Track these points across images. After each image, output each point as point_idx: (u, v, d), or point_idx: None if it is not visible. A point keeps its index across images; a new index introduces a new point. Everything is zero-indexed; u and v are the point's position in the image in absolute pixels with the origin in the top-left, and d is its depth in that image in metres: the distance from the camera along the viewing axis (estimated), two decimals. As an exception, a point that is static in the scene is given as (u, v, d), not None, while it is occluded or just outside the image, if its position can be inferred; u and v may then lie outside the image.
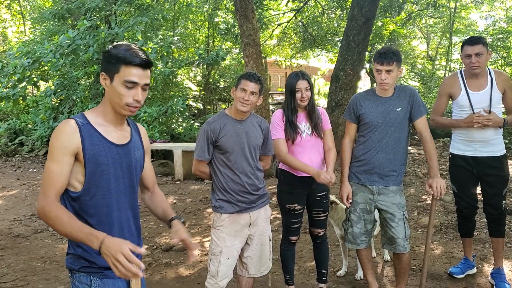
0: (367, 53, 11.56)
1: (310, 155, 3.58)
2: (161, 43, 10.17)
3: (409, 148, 10.05)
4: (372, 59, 3.50)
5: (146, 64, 1.94)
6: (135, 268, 1.65)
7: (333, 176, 3.44)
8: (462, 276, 4.18)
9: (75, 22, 11.58)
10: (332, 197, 4.01)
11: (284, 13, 17.04)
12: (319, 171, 3.39)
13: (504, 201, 3.95)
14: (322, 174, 3.36)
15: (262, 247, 3.33)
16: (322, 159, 3.67)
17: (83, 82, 12.52)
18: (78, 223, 1.80)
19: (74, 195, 1.91)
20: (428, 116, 3.78)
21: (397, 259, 3.57)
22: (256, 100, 3.16)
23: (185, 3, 14.27)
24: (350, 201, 3.58)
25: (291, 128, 3.53)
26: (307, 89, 3.50)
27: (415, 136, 10.91)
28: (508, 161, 4.74)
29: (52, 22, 12.47)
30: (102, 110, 2.00)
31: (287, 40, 18.52)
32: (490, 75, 3.85)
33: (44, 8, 15.40)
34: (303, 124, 3.58)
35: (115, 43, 1.97)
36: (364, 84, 21.00)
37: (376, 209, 3.59)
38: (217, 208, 3.20)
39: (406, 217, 3.52)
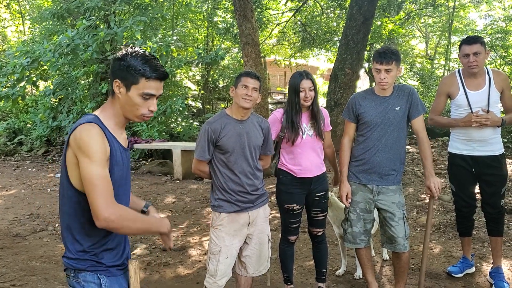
0: (366, 52, 11.57)
1: (309, 156, 3.58)
2: (160, 43, 10.17)
3: (408, 147, 10.07)
4: (371, 59, 3.51)
5: (164, 77, 1.97)
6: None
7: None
8: (461, 275, 4.19)
9: (74, 22, 11.57)
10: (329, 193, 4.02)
11: (283, 13, 17.06)
12: None
13: (502, 200, 3.96)
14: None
15: (261, 247, 3.33)
16: (321, 160, 3.67)
17: (82, 82, 12.53)
18: (147, 218, 2.05)
19: None
20: (427, 116, 3.78)
21: (397, 258, 3.57)
22: (257, 97, 3.17)
23: (184, 3, 14.26)
24: (350, 200, 3.59)
25: (293, 128, 3.52)
26: (311, 89, 3.50)
27: (414, 136, 10.94)
28: (507, 160, 4.74)
29: (51, 22, 12.46)
30: (111, 113, 1.98)
31: (286, 39, 18.54)
32: (488, 74, 3.86)
33: (43, 7, 15.40)
34: (304, 125, 3.57)
35: (129, 50, 1.95)
36: (363, 83, 21.02)
37: (375, 209, 3.60)
38: (216, 208, 3.21)
39: (405, 216, 3.53)
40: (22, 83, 10.12)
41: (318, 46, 17.25)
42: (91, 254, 1.95)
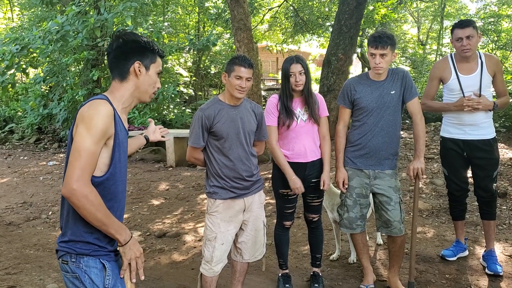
0: (358, 37, 11.53)
1: (304, 141, 3.58)
2: (151, 29, 10.09)
3: (401, 132, 10.11)
4: (366, 43, 3.50)
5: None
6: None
7: (327, 181, 3.56)
8: (454, 258, 4.23)
9: (64, 8, 11.42)
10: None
11: (275, -2, 16.95)
12: (294, 181, 3.47)
13: (494, 184, 3.99)
14: (296, 184, 3.46)
15: (256, 233, 3.33)
16: (317, 146, 3.66)
17: (73, 69, 12.41)
18: (113, 218, 1.89)
19: (99, 180, 1.88)
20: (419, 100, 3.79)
21: (392, 242, 3.60)
22: (251, 85, 3.15)
23: (175, -12, 14.12)
24: (346, 186, 3.59)
25: (286, 113, 3.52)
26: (301, 73, 3.48)
27: (407, 121, 10.95)
28: (498, 144, 4.77)
29: (40, 8, 12.31)
30: (122, 96, 2.02)
31: (278, 25, 18.41)
32: (481, 58, 3.86)
33: (32, -7, 15.17)
34: (298, 110, 3.56)
35: (135, 33, 2.10)
36: (355, 68, 20.99)
37: (370, 193, 3.61)
38: (211, 194, 3.20)
39: (401, 200, 3.55)
40: (12, 71, 10.02)
41: (310, 32, 17.16)
42: (94, 237, 1.92)
